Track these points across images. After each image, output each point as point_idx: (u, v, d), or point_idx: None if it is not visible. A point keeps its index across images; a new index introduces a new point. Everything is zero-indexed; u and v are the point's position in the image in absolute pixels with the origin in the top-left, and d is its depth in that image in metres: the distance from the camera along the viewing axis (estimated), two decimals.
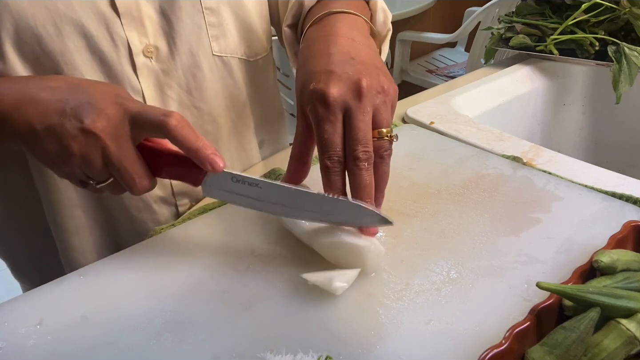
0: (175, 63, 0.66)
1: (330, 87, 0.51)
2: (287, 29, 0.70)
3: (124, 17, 0.61)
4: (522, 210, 0.60)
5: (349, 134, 0.51)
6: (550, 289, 0.44)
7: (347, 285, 0.50)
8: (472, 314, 0.48)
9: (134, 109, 0.50)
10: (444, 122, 0.80)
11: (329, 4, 0.64)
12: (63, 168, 0.52)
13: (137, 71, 0.63)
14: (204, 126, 0.70)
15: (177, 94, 0.67)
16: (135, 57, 0.63)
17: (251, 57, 0.73)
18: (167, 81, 0.66)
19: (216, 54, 0.68)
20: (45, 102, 0.50)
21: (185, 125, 0.50)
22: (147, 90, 0.65)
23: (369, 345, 0.46)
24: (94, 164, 0.50)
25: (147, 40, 0.63)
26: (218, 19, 0.67)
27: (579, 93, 1.01)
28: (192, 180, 0.53)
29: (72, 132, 0.49)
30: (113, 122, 0.50)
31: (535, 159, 0.70)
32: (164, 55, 0.65)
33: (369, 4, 0.68)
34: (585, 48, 0.94)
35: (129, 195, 0.60)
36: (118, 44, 0.61)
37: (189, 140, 0.50)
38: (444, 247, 0.56)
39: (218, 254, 0.56)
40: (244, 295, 0.51)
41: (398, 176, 0.67)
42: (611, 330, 0.42)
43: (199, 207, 0.66)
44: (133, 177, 0.51)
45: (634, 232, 0.51)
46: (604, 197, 0.62)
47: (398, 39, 2.61)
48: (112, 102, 0.50)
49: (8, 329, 0.49)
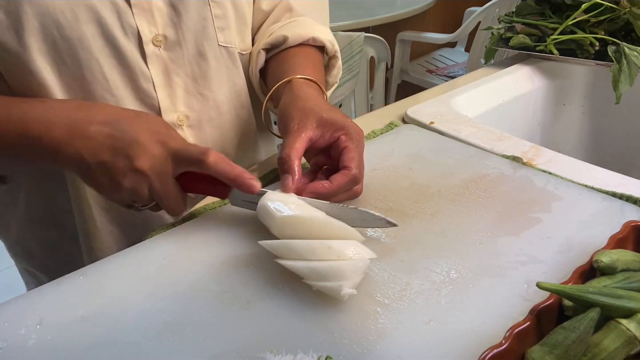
0: (182, 52, 0.69)
1: (347, 121, 0.62)
2: (261, 52, 0.75)
3: (135, 7, 0.64)
4: (522, 210, 0.60)
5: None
6: (550, 289, 0.44)
7: (355, 292, 0.49)
8: (472, 314, 0.48)
9: (175, 147, 0.57)
10: (444, 122, 0.80)
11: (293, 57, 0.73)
12: (113, 196, 0.59)
13: (147, 59, 0.67)
14: (208, 112, 0.74)
15: (183, 81, 0.71)
16: (145, 45, 0.66)
17: (244, 50, 0.77)
18: (175, 69, 0.70)
19: (222, 44, 0.72)
20: (96, 138, 0.56)
21: (221, 160, 0.56)
22: (156, 77, 0.68)
23: (369, 345, 0.46)
24: (141, 195, 0.58)
25: (156, 30, 0.67)
26: (223, 11, 0.71)
27: (579, 93, 1.01)
28: (220, 194, 0.60)
29: (123, 170, 0.56)
30: (158, 161, 0.57)
31: (535, 159, 0.70)
32: (171, 44, 0.68)
33: (331, 60, 0.79)
34: (585, 48, 0.94)
35: None
36: (129, 32, 0.65)
37: (228, 172, 0.57)
38: (444, 247, 0.56)
39: (218, 254, 0.56)
40: (244, 295, 0.51)
41: (398, 176, 0.67)
42: (611, 330, 0.42)
43: (199, 207, 0.66)
44: (173, 205, 0.59)
45: (634, 232, 0.51)
46: (604, 197, 0.62)
47: (398, 39, 2.61)
48: (156, 141, 0.57)
49: (8, 329, 0.49)
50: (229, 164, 0.57)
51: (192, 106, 0.72)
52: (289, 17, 0.79)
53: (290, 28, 0.75)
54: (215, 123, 0.75)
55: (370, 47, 2.04)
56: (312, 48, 0.76)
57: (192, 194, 0.62)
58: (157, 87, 0.68)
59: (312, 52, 0.76)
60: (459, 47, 2.95)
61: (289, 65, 0.72)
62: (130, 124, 0.57)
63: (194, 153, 0.57)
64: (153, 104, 0.69)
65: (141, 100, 0.69)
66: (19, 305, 0.52)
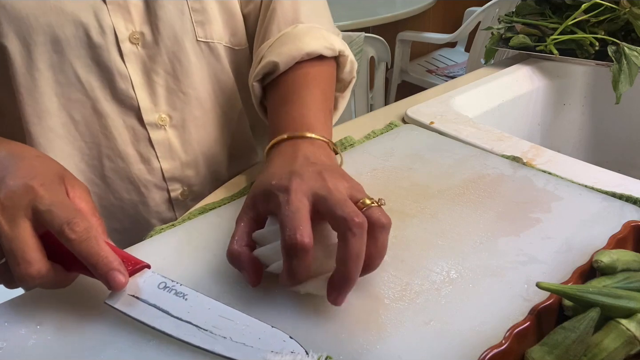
0: (160, 49, 0.67)
1: (292, 181, 0.48)
2: (255, 84, 0.69)
3: (111, 4, 0.63)
4: (522, 210, 0.60)
5: (332, 215, 0.46)
6: (550, 289, 0.44)
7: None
8: (472, 314, 0.48)
9: (43, 205, 0.46)
10: (444, 122, 0.80)
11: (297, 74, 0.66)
12: None
13: (124, 57, 0.65)
14: (192, 111, 0.71)
15: (164, 80, 0.68)
16: (122, 43, 0.64)
17: (236, 45, 0.74)
18: (154, 67, 0.67)
19: (201, 39, 0.69)
20: None
21: (89, 238, 0.46)
22: (134, 76, 0.66)
23: (369, 345, 0.46)
24: None
25: (132, 27, 0.65)
26: (201, 4, 0.68)
27: (579, 93, 1.01)
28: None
29: None
30: (14, 195, 0.46)
31: (535, 159, 0.70)
32: (149, 41, 0.66)
33: (339, 58, 0.72)
34: (585, 48, 0.94)
35: (125, 180, 0.66)
36: (106, 30, 0.63)
37: (90, 254, 0.46)
38: (444, 247, 0.56)
39: (218, 253, 0.56)
40: (244, 295, 0.51)
41: (398, 176, 0.67)
42: (611, 330, 0.42)
43: (199, 207, 0.66)
44: (24, 256, 0.45)
45: (634, 232, 0.51)
46: (604, 197, 0.62)
47: (398, 39, 2.61)
48: (27, 182, 0.47)
49: (8, 329, 0.49)
50: (98, 244, 0.46)
51: (174, 105, 0.70)
52: (275, 24, 0.71)
53: (279, 47, 0.68)
54: (200, 122, 0.72)
55: (370, 47, 2.05)
56: (310, 63, 0.68)
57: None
58: (135, 86, 0.67)
59: (311, 71, 0.68)
60: (459, 47, 2.95)
61: (285, 102, 0.64)
62: (17, 161, 0.49)
63: (58, 217, 0.46)
64: (132, 104, 0.67)
65: (119, 102, 0.67)
66: (18, 305, 0.52)
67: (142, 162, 0.71)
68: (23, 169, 0.49)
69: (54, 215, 0.46)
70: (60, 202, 0.47)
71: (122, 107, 0.67)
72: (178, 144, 0.72)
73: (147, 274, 0.50)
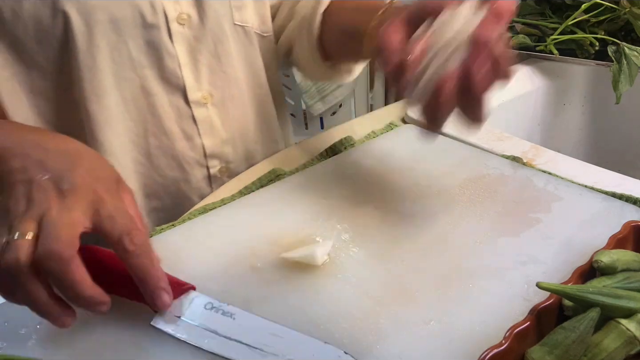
0: (204, 30, 0.70)
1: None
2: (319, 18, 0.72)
3: None
4: (522, 210, 0.60)
5: None
6: (550, 289, 0.44)
7: (327, 257, 0.53)
8: (472, 314, 0.48)
9: (105, 210, 0.44)
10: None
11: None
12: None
13: (172, 37, 0.68)
14: (230, 90, 0.75)
15: (207, 60, 0.71)
16: (170, 23, 0.67)
17: (265, 32, 0.77)
18: (198, 47, 0.70)
19: (237, 22, 0.73)
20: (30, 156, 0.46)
21: (145, 252, 0.44)
22: (181, 56, 0.69)
23: (369, 345, 0.46)
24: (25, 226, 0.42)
25: (180, 8, 0.67)
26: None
27: (579, 93, 1.01)
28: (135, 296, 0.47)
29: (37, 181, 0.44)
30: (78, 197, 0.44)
31: (535, 159, 0.70)
32: (195, 22, 0.69)
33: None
34: (585, 48, 0.94)
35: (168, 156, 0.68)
36: (157, 11, 0.66)
37: (143, 269, 0.44)
38: (444, 247, 0.56)
39: (218, 253, 0.56)
40: (244, 295, 0.51)
41: (398, 176, 0.67)
42: (611, 330, 0.42)
43: (199, 207, 0.66)
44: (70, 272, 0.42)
45: (634, 232, 0.51)
46: (604, 197, 0.62)
47: None
48: (92, 183, 0.45)
49: (8, 329, 0.49)
50: (152, 260, 0.44)
51: (215, 84, 0.73)
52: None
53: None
54: (238, 102, 0.76)
55: None
56: None
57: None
58: (182, 65, 0.69)
59: None
60: None
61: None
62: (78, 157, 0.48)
63: (120, 225, 0.44)
64: (178, 83, 0.70)
65: (166, 80, 0.69)
66: (19, 305, 0.51)
67: (185, 139, 0.73)
68: (85, 167, 0.47)
69: (116, 223, 0.44)
70: (122, 210, 0.45)
71: (169, 85, 0.69)
72: (218, 121, 0.74)
73: (193, 294, 0.49)
